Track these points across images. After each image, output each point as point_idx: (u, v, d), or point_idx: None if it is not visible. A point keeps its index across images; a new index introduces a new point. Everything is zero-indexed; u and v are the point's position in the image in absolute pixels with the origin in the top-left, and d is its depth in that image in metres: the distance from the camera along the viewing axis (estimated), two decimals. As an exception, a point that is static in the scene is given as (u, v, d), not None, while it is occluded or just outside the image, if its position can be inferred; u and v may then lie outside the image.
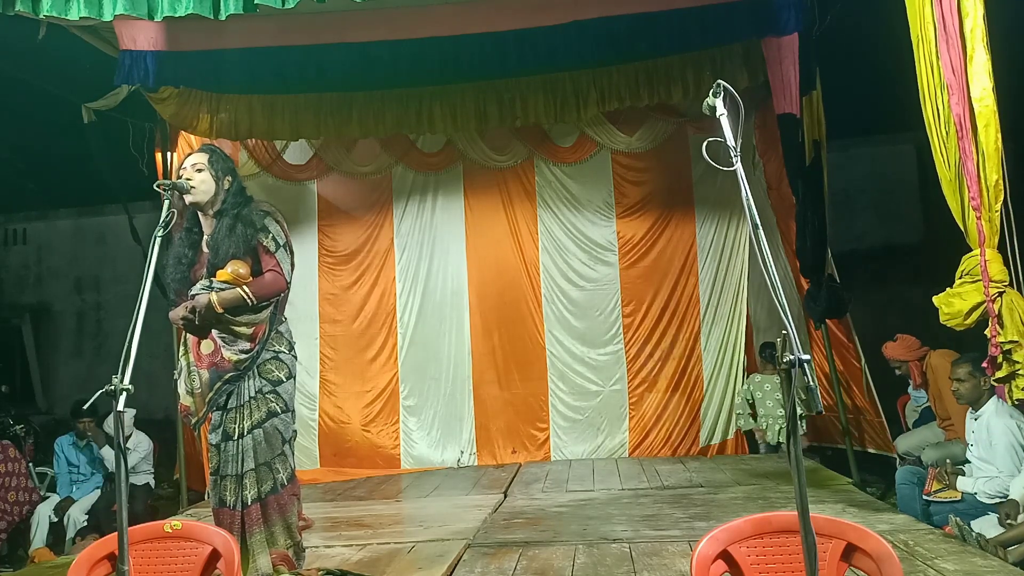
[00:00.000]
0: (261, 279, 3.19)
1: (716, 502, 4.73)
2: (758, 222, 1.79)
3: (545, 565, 3.54)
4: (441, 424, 6.90)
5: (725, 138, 1.89)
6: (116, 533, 1.96)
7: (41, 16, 4.04)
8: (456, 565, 3.64)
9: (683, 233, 6.85)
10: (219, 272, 3.14)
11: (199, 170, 3.22)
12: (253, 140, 6.69)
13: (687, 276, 6.83)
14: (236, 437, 3.18)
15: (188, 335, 3.24)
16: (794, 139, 5.29)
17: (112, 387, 1.89)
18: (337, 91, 6.14)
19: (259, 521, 3.19)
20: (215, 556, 2.31)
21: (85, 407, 5.93)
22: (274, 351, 3.28)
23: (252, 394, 3.21)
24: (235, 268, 3.13)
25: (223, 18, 3.96)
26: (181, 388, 3.24)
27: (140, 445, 6.18)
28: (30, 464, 6.30)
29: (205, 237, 3.29)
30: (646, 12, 5.05)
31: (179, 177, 3.21)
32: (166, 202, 2.34)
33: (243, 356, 3.18)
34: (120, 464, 1.94)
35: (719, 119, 1.91)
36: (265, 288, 3.18)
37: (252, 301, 3.14)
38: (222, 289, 3.12)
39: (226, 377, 3.17)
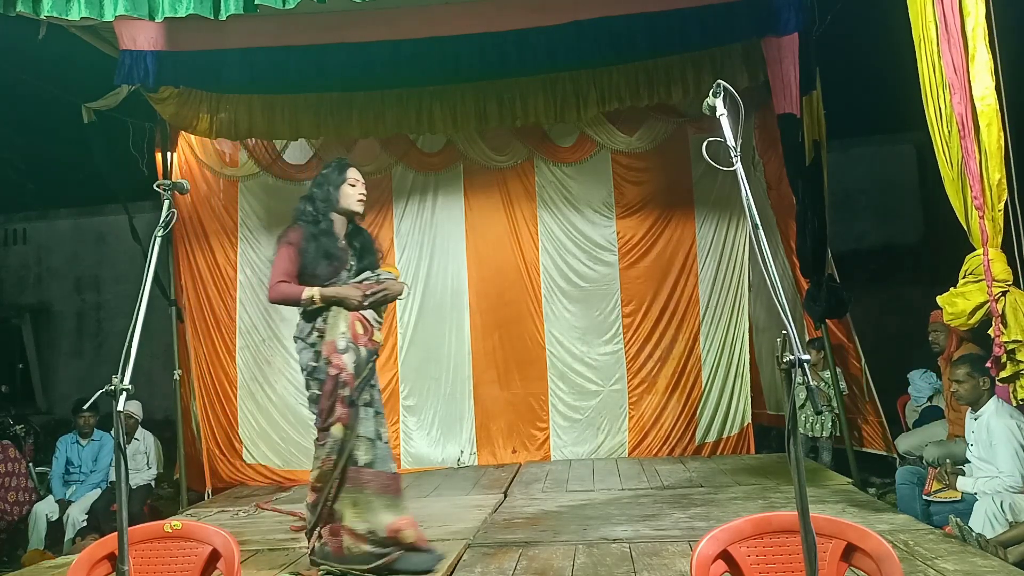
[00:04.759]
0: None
1: (716, 502, 4.72)
2: (758, 222, 1.79)
3: (545, 565, 3.55)
4: (441, 424, 6.90)
5: (725, 138, 1.90)
6: (116, 533, 1.95)
7: (41, 16, 4.04)
8: (456, 565, 3.64)
9: (683, 233, 6.85)
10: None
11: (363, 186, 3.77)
12: (253, 140, 6.69)
13: (687, 276, 6.82)
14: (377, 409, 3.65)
15: (339, 317, 3.50)
16: (794, 139, 5.28)
17: (112, 387, 1.89)
18: (337, 91, 6.13)
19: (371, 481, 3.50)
20: (215, 556, 2.31)
21: (85, 407, 5.94)
22: None
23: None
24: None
25: (223, 18, 3.96)
26: (349, 361, 3.46)
27: (147, 440, 6.19)
28: (30, 464, 6.30)
29: (340, 241, 3.66)
30: (646, 12, 5.06)
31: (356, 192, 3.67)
32: (166, 202, 2.32)
33: (380, 338, 3.72)
34: (120, 464, 1.94)
35: (719, 119, 1.91)
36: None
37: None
38: (392, 279, 3.71)
39: (375, 355, 3.66)
